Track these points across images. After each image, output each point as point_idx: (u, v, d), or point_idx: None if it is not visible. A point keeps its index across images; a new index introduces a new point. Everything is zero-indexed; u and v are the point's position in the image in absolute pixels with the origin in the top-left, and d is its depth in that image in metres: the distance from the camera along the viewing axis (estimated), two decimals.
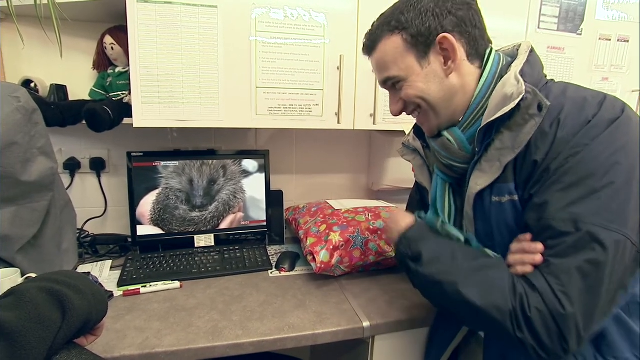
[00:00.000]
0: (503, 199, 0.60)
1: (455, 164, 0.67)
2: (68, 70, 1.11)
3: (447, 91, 0.64)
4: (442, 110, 0.65)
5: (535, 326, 0.51)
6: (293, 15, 0.98)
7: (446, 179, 0.70)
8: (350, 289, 0.98)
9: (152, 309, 0.86)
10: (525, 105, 0.56)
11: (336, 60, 1.03)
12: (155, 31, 0.90)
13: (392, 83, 0.68)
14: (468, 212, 0.65)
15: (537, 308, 0.51)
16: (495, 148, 0.60)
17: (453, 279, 0.59)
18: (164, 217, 1.12)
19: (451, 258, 0.61)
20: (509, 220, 0.60)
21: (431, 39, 0.62)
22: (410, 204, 0.90)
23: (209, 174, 1.14)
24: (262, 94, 1.00)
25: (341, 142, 1.40)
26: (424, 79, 0.64)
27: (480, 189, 0.61)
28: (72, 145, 1.16)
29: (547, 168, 0.54)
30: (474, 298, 0.55)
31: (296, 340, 0.79)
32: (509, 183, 0.59)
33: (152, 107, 0.93)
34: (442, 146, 0.67)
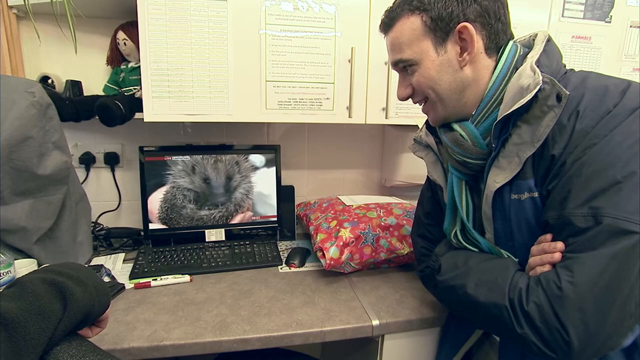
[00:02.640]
0: (522, 196, 0.57)
1: (469, 161, 0.63)
2: (83, 66, 1.13)
3: (458, 83, 0.61)
4: (451, 102, 0.63)
5: (535, 320, 0.49)
6: (303, 7, 0.96)
7: (461, 177, 0.67)
8: (360, 286, 0.97)
9: (161, 302, 0.87)
10: (543, 97, 0.53)
11: (347, 53, 1.01)
12: (165, 25, 0.90)
13: (404, 66, 0.65)
14: (486, 211, 0.62)
15: (535, 302, 0.50)
16: (513, 143, 0.57)
17: (462, 281, 0.60)
18: (171, 216, 1.12)
19: (464, 263, 0.63)
20: (529, 218, 0.58)
21: (451, 26, 0.59)
22: (421, 200, 0.87)
23: (225, 171, 1.14)
24: (272, 88, 0.99)
25: (353, 137, 1.38)
26: (437, 67, 0.61)
27: (499, 186, 0.59)
28: (87, 140, 1.19)
29: (564, 162, 0.52)
30: (476, 296, 0.56)
31: (304, 337, 0.78)
32: (528, 179, 0.56)
33: (162, 102, 0.93)
34: (454, 142, 0.64)
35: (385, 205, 1.11)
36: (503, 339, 0.68)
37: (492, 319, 0.55)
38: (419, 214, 0.86)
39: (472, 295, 0.57)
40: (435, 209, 0.80)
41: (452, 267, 0.64)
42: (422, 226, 0.83)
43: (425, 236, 0.82)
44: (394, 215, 1.05)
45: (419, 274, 0.81)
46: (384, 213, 1.06)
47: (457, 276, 0.62)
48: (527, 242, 0.58)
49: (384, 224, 1.02)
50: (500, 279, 0.55)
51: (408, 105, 1.09)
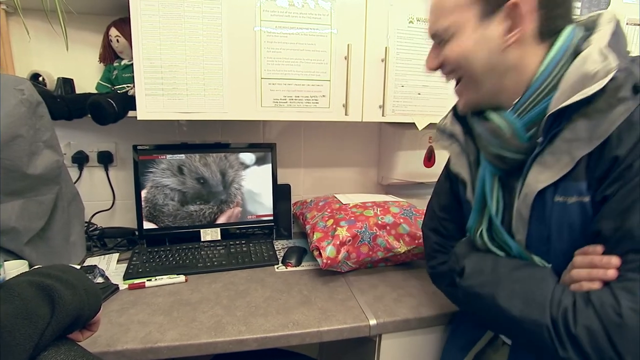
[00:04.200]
0: (569, 199, 0.51)
1: (507, 155, 0.56)
2: (75, 63, 1.11)
3: (495, 65, 0.55)
4: (486, 85, 0.57)
5: (583, 346, 0.44)
6: (298, 3, 0.95)
7: (495, 172, 0.60)
8: (357, 285, 0.96)
9: (156, 303, 0.85)
10: (614, 87, 0.46)
11: (343, 50, 1.00)
12: (158, 22, 0.88)
13: (440, 39, 0.59)
14: (522, 212, 0.56)
15: (585, 325, 0.45)
16: (565, 139, 0.50)
17: (491, 291, 0.54)
18: (155, 214, 1.10)
19: (492, 270, 0.57)
20: (573, 224, 0.52)
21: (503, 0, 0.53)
22: (437, 192, 0.80)
23: (218, 167, 1.13)
24: (267, 85, 0.98)
25: (350, 135, 1.37)
26: (476, 41, 0.55)
27: (543, 187, 0.52)
28: (80, 138, 1.17)
29: (630, 165, 0.46)
30: (509, 309, 0.51)
31: (300, 337, 0.78)
32: (579, 181, 0.50)
33: (156, 100, 0.91)
34: (491, 132, 0.57)
35: (382, 204, 1.10)
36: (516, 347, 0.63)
37: (527, 336, 0.50)
38: (433, 207, 0.79)
39: (504, 308, 0.51)
40: (452, 204, 0.74)
41: (477, 272, 0.58)
42: (435, 220, 0.77)
43: (438, 231, 0.77)
44: (391, 213, 1.05)
45: (430, 271, 0.78)
46: (381, 211, 1.05)
47: (485, 283, 0.56)
48: (565, 250, 0.53)
49: (381, 223, 1.01)
50: (539, 293, 0.50)
51: (406, 102, 1.08)
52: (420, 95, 1.09)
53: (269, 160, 1.18)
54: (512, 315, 0.51)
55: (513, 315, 0.51)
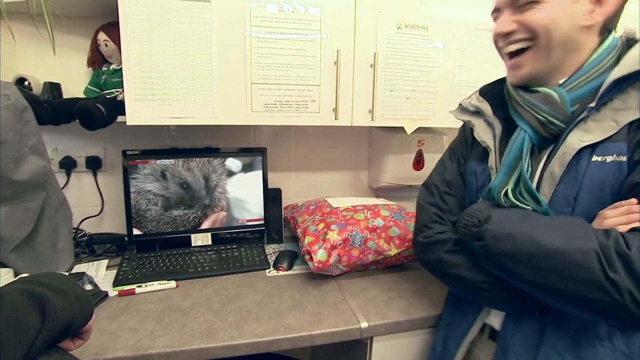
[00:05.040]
0: (608, 158, 0.57)
1: (554, 121, 0.62)
2: (62, 67, 1.10)
3: (569, 41, 0.60)
4: (555, 56, 0.61)
5: (636, 265, 0.47)
6: (288, 9, 0.96)
7: (534, 138, 0.64)
8: (349, 288, 0.97)
9: (147, 309, 0.85)
10: None
11: (333, 55, 1.01)
12: (147, 27, 0.88)
13: (524, 2, 0.61)
14: (555, 171, 0.60)
15: (639, 247, 0.47)
16: (613, 108, 0.57)
17: (527, 229, 0.56)
18: (138, 220, 1.10)
19: (523, 216, 0.59)
20: (606, 182, 0.57)
21: None
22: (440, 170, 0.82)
23: (201, 172, 1.13)
24: (257, 90, 0.98)
25: (340, 139, 1.38)
26: (564, 13, 0.59)
27: (584, 145, 0.58)
28: (67, 143, 1.15)
29: None
30: (552, 242, 0.53)
31: (292, 341, 0.78)
32: (620, 142, 0.56)
33: (146, 105, 0.91)
34: (544, 100, 0.62)
35: (373, 207, 1.12)
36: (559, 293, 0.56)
37: (566, 265, 0.52)
38: (434, 182, 0.81)
39: (543, 240, 0.54)
40: (456, 180, 0.78)
41: (507, 218, 0.60)
42: (436, 194, 0.79)
43: (437, 205, 0.78)
44: (381, 216, 1.06)
45: (424, 240, 0.76)
46: (371, 215, 1.07)
47: (518, 224, 0.58)
48: (590, 209, 0.57)
49: (371, 226, 1.02)
50: (579, 229, 0.53)
51: (395, 107, 1.10)
52: (408, 99, 1.10)
53: (256, 166, 1.18)
54: (553, 247, 0.53)
55: (554, 247, 0.53)
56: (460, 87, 1.13)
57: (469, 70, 1.14)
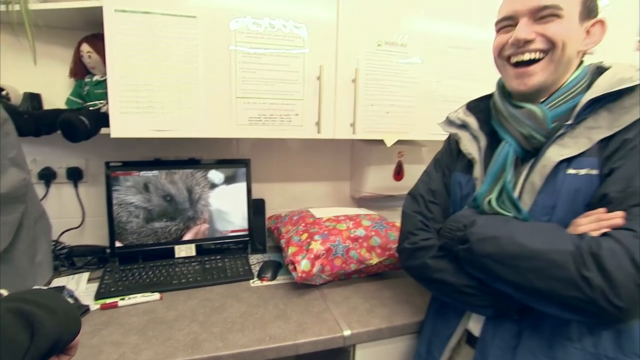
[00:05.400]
0: (582, 171, 0.62)
1: (536, 136, 0.67)
2: (43, 78, 1.09)
3: (571, 59, 0.67)
4: (557, 72, 0.67)
5: (606, 264, 0.51)
6: (273, 26, 0.99)
7: (517, 151, 0.70)
8: (332, 297, 0.99)
9: (130, 323, 0.84)
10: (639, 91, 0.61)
11: (316, 71, 1.04)
12: (133, 41, 0.89)
13: (545, 14, 0.66)
14: (535, 182, 0.66)
15: (608, 248, 0.52)
16: (586, 126, 0.63)
17: (509, 232, 0.61)
18: (118, 232, 1.09)
19: (505, 221, 0.64)
20: (578, 192, 0.62)
21: (592, 15, 0.67)
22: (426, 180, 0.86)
23: (185, 184, 1.14)
24: (242, 104, 1.00)
25: (323, 150, 1.41)
26: (574, 33, 0.66)
27: (562, 159, 0.63)
28: (47, 154, 1.14)
29: (635, 146, 0.59)
30: (533, 244, 0.57)
31: (277, 350, 0.79)
32: (592, 157, 0.62)
33: (131, 117, 0.92)
34: (528, 116, 0.68)
35: (355, 217, 1.15)
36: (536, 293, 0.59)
37: (544, 265, 0.56)
38: (420, 192, 0.85)
39: (524, 243, 0.58)
40: (441, 190, 0.83)
41: (491, 223, 0.65)
42: (421, 203, 0.83)
43: (422, 213, 0.82)
44: (362, 226, 1.09)
45: (410, 247, 0.79)
46: (353, 225, 1.10)
47: (501, 228, 0.63)
48: (565, 217, 0.62)
49: (353, 236, 1.05)
50: (557, 234, 0.58)
51: (376, 121, 1.14)
52: (388, 113, 1.15)
53: (239, 177, 1.19)
54: (534, 248, 0.57)
55: (535, 248, 0.57)
56: (437, 102, 1.19)
57: (445, 85, 1.19)
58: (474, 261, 0.66)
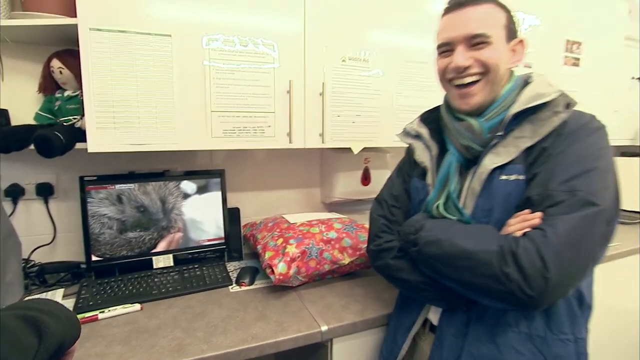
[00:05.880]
0: (511, 177, 0.71)
1: (474, 146, 0.76)
2: (9, 93, 1.08)
3: (503, 78, 0.76)
4: (493, 91, 0.76)
5: (521, 260, 0.59)
6: (244, 44, 1.05)
7: (460, 159, 0.79)
8: (308, 297, 1.05)
9: (112, 334, 0.86)
10: (554, 104, 0.69)
11: (286, 85, 1.11)
12: (109, 58, 0.92)
13: (477, 42, 0.73)
14: (475, 188, 0.74)
15: (523, 246, 0.60)
16: (514, 136, 0.71)
17: (449, 235, 0.70)
18: (90, 243, 1.09)
19: (449, 225, 0.73)
20: (511, 196, 0.70)
21: (514, 35, 0.77)
22: (389, 185, 0.95)
23: (158, 194, 1.16)
24: (217, 118, 1.05)
25: (294, 159, 1.48)
26: (503, 55, 0.75)
27: (496, 166, 0.72)
28: (14, 170, 1.11)
29: (550, 154, 0.67)
30: (467, 245, 0.66)
31: (259, 349, 0.84)
32: (518, 164, 0.70)
33: (107, 132, 0.94)
34: (467, 128, 0.76)
35: (326, 221, 1.22)
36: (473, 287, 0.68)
37: (478, 264, 0.64)
38: (384, 197, 0.94)
39: (461, 244, 0.67)
40: (402, 195, 0.90)
41: (436, 226, 0.73)
42: (385, 207, 0.92)
43: (386, 216, 0.91)
44: (334, 229, 1.17)
45: (375, 248, 0.88)
46: (325, 228, 1.17)
47: (444, 231, 0.71)
48: (501, 218, 0.70)
49: (326, 238, 1.12)
50: (487, 234, 0.67)
51: (342, 130, 1.23)
52: (354, 123, 1.24)
53: (211, 187, 1.23)
54: (467, 249, 0.66)
55: (468, 249, 0.66)
56: (398, 112, 1.30)
57: (405, 96, 1.31)
58: (423, 261, 0.75)
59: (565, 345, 0.70)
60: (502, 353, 0.70)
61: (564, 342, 0.70)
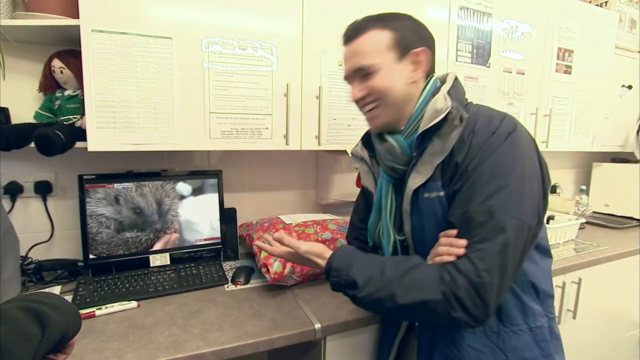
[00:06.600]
0: (432, 194, 0.72)
1: (397, 166, 0.77)
2: (10, 92, 1.09)
3: (405, 95, 0.76)
4: (396, 110, 0.76)
5: (466, 303, 0.62)
6: (243, 47, 1.07)
7: (390, 180, 0.80)
8: (302, 296, 1.07)
9: (109, 330, 0.87)
10: (451, 118, 0.70)
11: (283, 88, 1.14)
12: (110, 59, 0.94)
13: (364, 73, 0.75)
14: (406, 207, 0.76)
15: (465, 288, 0.62)
16: (428, 153, 0.72)
17: (389, 292, 0.67)
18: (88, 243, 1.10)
19: (381, 275, 0.70)
20: (436, 213, 0.72)
21: (409, 49, 0.75)
22: (356, 209, 1.01)
23: (154, 196, 1.17)
24: (215, 119, 1.07)
25: (290, 161, 1.51)
26: (395, 76, 0.74)
27: (417, 186, 0.73)
28: (13, 168, 1.13)
29: (465, 168, 0.67)
30: (409, 300, 0.66)
31: (254, 345, 0.86)
32: (437, 181, 0.71)
33: (108, 132, 0.95)
34: (387, 150, 0.78)
35: (321, 222, 1.24)
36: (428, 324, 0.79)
37: (425, 312, 0.65)
38: (354, 221, 0.99)
39: (405, 303, 0.66)
40: (367, 216, 0.91)
41: (370, 281, 0.70)
42: (356, 230, 0.97)
43: (359, 239, 0.96)
44: (329, 230, 1.19)
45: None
46: (320, 229, 1.19)
47: (382, 288, 0.68)
48: (434, 234, 0.71)
49: (321, 239, 1.14)
50: (422, 277, 0.66)
51: (338, 133, 1.25)
52: (349, 126, 1.26)
53: (208, 188, 1.24)
54: (412, 303, 0.66)
55: (414, 302, 0.66)
56: None
57: None
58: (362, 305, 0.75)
59: (519, 336, 0.74)
60: (464, 354, 0.74)
61: (517, 334, 0.73)
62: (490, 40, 1.48)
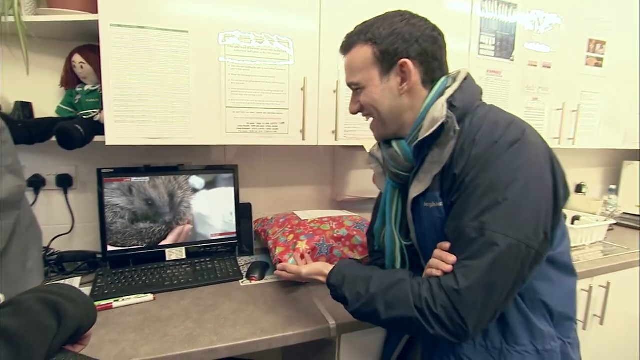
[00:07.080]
0: (431, 204, 0.70)
1: (400, 173, 0.76)
2: (33, 87, 1.11)
3: (397, 108, 0.73)
4: (390, 123, 0.76)
5: (443, 321, 0.60)
6: (260, 41, 1.06)
7: (395, 185, 0.79)
8: (317, 293, 1.06)
9: (126, 322, 0.88)
10: (448, 128, 0.66)
11: (300, 82, 1.12)
12: (128, 54, 0.94)
13: (355, 88, 0.77)
14: (409, 214, 0.75)
15: (442, 305, 0.60)
16: (428, 162, 0.70)
17: (372, 308, 0.68)
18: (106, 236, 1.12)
19: (366, 290, 0.70)
20: (435, 222, 0.70)
21: (395, 60, 0.70)
22: (376, 206, 0.98)
23: (167, 189, 1.17)
24: (231, 113, 1.06)
25: (307, 156, 1.49)
26: (381, 92, 0.73)
27: (416, 195, 0.71)
28: (36, 161, 1.16)
29: (463, 180, 0.64)
30: (390, 316, 0.66)
31: (267, 342, 0.85)
32: (435, 191, 0.69)
33: (125, 126, 0.96)
34: (390, 157, 0.77)
35: (337, 219, 1.23)
36: None
37: (407, 327, 0.68)
38: (371, 229, 0.99)
39: (387, 319, 0.66)
40: None
41: (357, 297, 0.71)
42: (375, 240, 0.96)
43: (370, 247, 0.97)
44: (345, 227, 1.17)
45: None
46: (336, 225, 1.17)
47: (367, 304, 0.69)
48: (435, 242, 0.69)
49: (336, 236, 1.13)
50: (403, 294, 0.65)
51: (355, 128, 1.23)
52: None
53: (222, 183, 1.24)
54: (394, 318, 0.66)
55: (395, 318, 0.66)
56: None
57: None
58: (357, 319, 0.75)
59: (523, 357, 0.69)
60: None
61: (521, 354, 0.69)
62: (515, 32, 1.42)
